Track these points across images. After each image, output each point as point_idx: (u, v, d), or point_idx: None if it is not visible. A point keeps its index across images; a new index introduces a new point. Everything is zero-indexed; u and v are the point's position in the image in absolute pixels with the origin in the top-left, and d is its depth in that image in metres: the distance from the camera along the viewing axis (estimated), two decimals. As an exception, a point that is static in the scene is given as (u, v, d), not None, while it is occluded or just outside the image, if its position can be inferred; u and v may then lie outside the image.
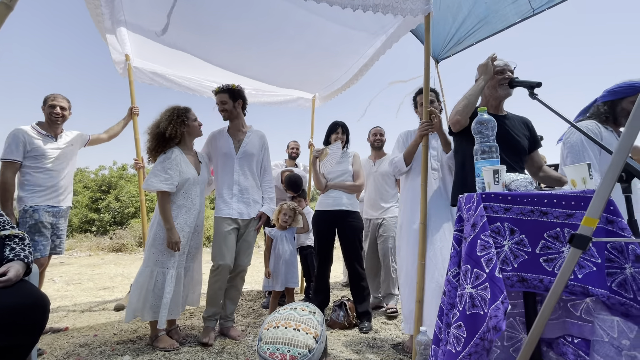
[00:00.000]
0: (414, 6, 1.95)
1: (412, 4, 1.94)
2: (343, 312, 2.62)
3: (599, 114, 1.87)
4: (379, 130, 3.23)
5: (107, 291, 3.79)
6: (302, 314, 0.98)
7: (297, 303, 1.07)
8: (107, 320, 2.68)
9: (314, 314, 1.01)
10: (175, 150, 2.22)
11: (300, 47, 2.93)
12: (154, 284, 2.06)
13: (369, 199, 3.13)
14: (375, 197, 3.08)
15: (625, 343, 1.09)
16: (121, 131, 2.89)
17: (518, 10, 2.89)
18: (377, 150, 3.21)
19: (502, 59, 1.79)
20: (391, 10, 1.94)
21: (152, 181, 2.09)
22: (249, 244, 2.45)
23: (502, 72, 1.75)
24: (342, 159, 2.83)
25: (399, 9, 1.94)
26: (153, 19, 2.49)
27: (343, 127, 2.86)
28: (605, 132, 1.79)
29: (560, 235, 1.07)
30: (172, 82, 3.40)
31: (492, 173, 1.27)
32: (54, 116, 2.44)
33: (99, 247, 7.77)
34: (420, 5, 1.96)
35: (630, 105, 1.73)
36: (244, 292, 3.83)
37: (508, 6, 2.86)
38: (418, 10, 1.97)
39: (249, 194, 2.43)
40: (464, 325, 1.17)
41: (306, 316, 0.97)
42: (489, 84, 1.80)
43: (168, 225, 2.07)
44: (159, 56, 3.07)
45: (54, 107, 2.44)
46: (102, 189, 10.04)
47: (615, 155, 0.74)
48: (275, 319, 0.96)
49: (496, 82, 1.77)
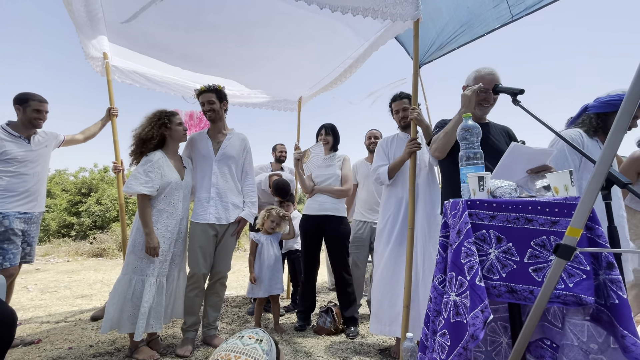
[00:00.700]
0: (403, 12, 1.96)
1: (402, 9, 1.96)
2: (330, 317, 2.60)
3: (590, 125, 1.84)
4: (374, 133, 3.23)
5: (85, 299, 3.64)
6: (247, 343, 0.94)
7: (247, 330, 1.03)
8: (83, 331, 2.56)
9: (260, 342, 0.97)
10: (158, 153, 2.16)
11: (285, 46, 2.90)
12: (132, 293, 1.98)
13: (365, 202, 3.09)
14: (370, 200, 3.06)
15: (593, 347, 1.11)
16: (98, 132, 2.78)
17: (498, 15, 2.94)
18: (373, 153, 3.21)
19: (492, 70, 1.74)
20: (381, 15, 1.94)
21: (132, 184, 2.03)
22: (227, 250, 2.37)
23: (484, 92, 1.72)
24: (331, 162, 2.81)
25: (389, 14, 1.94)
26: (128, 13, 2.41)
27: (327, 129, 2.86)
28: (588, 141, 1.80)
29: (546, 243, 1.07)
30: (154, 83, 3.30)
31: (477, 179, 1.27)
32: (37, 121, 2.34)
33: (78, 252, 7.49)
34: (410, 11, 1.97)
35: None
36: (229, 299, 3.75)
37: (489, 10, 2.91)
38: (407, 15, 1.98)
39: (228, 197, 2.35)
40: (448, 333, 1.16)
41: (250, 345, 0.94)
42: None
43: (147, 230, 2.01)
44: (138, 55, 2.98)
45: (39, 112, 2.34)
46: (82, 191, 9.71)
47: (598, 166, 0.74)
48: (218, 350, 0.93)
49: (477, 100, 1.76)
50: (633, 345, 0.90)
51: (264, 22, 2.56)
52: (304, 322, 2.69)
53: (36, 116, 2.33)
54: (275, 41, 2.81)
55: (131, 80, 3.19)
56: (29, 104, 2.32)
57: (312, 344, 2.37)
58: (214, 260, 2.32)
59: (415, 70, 2.06)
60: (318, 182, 2.78)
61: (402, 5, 1.94)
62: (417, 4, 1.97)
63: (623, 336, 0.93)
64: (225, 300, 3.65)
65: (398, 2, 1.93)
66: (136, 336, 1.94)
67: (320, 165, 2.82)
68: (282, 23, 2.59)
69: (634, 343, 0.90)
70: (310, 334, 2.58)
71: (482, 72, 1.74)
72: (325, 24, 2.58)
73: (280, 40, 2.80)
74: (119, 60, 3.02)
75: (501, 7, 2.85)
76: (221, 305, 2.40)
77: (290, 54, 3.01)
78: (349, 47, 2.89)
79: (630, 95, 0.71)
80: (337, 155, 2.85)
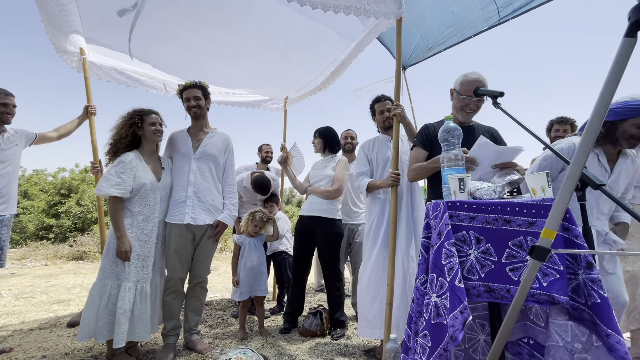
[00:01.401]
0: (387, 9, 1.97)
1: (386, 7, 1.96)
2: (317, 320, 2.58)
3: None
4: (349, 133, 3.26)
5: (62, 305, 3.51)
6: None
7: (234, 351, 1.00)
8: (59, 339, 2.46)
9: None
10: (131, 154, 2.08)
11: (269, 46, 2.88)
12: (108, 299, 1.90)
13: (343, 203, 3.11)
14: (347, 200, 3.07)
15: (577, 346, 1.13)
16: (74, 130, 2.66)
17: (486, 17, 2.97)
18: (349, 153, 3.22)
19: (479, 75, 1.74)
20: (364, 12, 1.94)
21: (103, 185, 1.95)
22: (206, 254, 2.28)
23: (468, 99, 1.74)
24: (327, 163, 2.80)
25: (372, 11, 1.94)
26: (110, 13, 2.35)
27: (316, 132, 2.90)
28: None
29: (523, 243, 1.09)
30: (134, 80, 3.21)
31: (458, 181, 1.29)
32: (5, 115, 2.23)
33: (56, 255, 7.23)
34: (393, 9, 1.98)
35: (633, 128, 1.59)
36: (214, 301, 3.69)
37: (477, 12, 2.95)
38: (391, 13, 1.99)
39: (206, 197, 2.24)
40: (429, 334, 1.16)
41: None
42: (455, 106, 1.83)
43: (118, 233, 1.94)
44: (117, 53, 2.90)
45: (6, 106, 2.22)
46: (61, 192, 9.39)
47: (571, 167, 0.75)
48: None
49: (460, 106, 1.79)
50: (617, 344, 0.92)
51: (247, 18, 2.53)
52: (289, 325, 2.66)
53: (2, 110, 2.22)
54: (260, 40, 2.79)
55: (109, 77, 3.09)
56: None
57: (297, 346, 2.35)
58: (193, 264, 2.25)
59: (398, 69, 2.07)
60: (313, 183, 2.77)
61: (386, 3, 1.95)
62: (400, 2, 1.98)
63: (607, 335, 0.95)
64: (210, 303, 3.58)
65: (381, 0, 1.93)
66: (116, 343, 1.86)
67: (317, 167, 2.84)
68: (266, 22, 2.57)
69: (618, 341, 0.92)
70: (295, 336, 2.56)
71: (470, 77, 1.74)
72: (309, 27, 2.58)
73: (264, 39, 2.78)
74: (96, 57, 2.92)
75: (489, 9, 2.89)
76: (202, 309, 2.35)
77: (274, 55, 2.99)
78: (334, 50, 2.89)
79: (601, 98, 0.72)
80: (334, 157, 2.85)
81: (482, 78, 1.72)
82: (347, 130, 3.27)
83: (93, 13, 2.39)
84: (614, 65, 0.70)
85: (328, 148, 2.86)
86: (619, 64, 0.70)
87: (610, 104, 1.89)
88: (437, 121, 1.96)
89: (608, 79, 0.70)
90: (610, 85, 0.70)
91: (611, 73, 0.70)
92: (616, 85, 0.70)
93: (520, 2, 2.75)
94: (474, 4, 2.86)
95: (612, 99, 0.71)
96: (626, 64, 0.70)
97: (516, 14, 2.92)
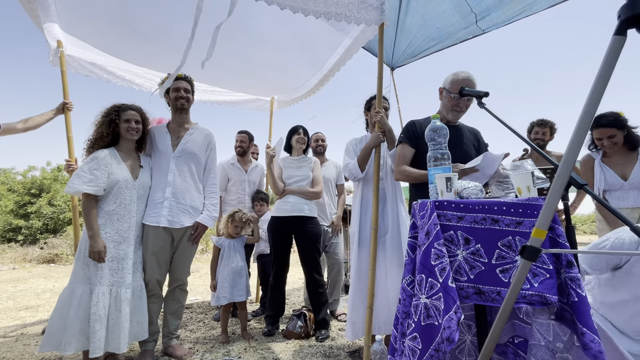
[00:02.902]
0: (368, 16, 2.01)
1: (367, 14, 2.01)
2: (301, 322, 2.53)
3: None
4: (320, 136, 3.26)
5: (30, 311, 3.30)
6: None
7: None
8: (25, 347, 2.30)
9: None
10: (106, 150, 1.97)
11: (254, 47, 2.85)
12: (78, 305, 1.76)
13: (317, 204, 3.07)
14: (321, 202, 3.03)
15: (559, 346, 1.14)
16: (43, 124, 2.43)
17: (469, 31, 3.09)
18: (319, 155, 3.20)
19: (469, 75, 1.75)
20: (345, 19, 1.97)
21: (74, 183, 1.83)
22: (186, 256, 2.19)
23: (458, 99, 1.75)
24: (302, 163, 2.76)
25: (353, 17, 1.98)
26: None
27: (305, 129, 2.85)
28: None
29: (512, 243, 1.08)
30: (113, 75, 3.06)
31: (445, 180, 1.28)
32: None
33: (25, 258, 6.86)
34: (374, 16, 2.03)
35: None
36: (194, 304, 3.58)
37: (460, 30, 3.07)
38: (372, 20, 2.03)
39: (185, 199, 2.14)
40: (419, 336, 1.14)
41: None
42: (445, 105, 1.83)
43: (90, 232, 1.82)
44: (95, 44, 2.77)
45: None
46: (31, 192, 8.90)
47: (561, 167, 0.74)
48: None
49: (450, 105, 1.80)
50: (591, 342, 0.93)
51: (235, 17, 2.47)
52: (272, 327, 2.61)
53: None
54: (246, 38, 2.73)
55: (88, 71, 2.93)
56: None
57: (281, 348, 2.30)
58: (172, 266, 2.15)
59: (380, 75, 2.08)
60: (289, 184, 2.71)
61: (367, 11, 2.00)
62: (381, 10, 2.04)
63: (582, 333, 0.95)
64: (190, 307, 3.47)
65: (363, 7, 1.98)
66: (92, 352, 1.72)
67: (290, 166, 2.76)
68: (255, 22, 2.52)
69: (592, 340, 0.93)
70: (279, 338, 2.50)
71: (460, 76, 1.75)
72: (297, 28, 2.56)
73: (250, 38, 2.73)
74: (75, 50, 2.77)
75: (471, 29, 3.01)
76: (182, 312, 2.26)
77: (260, 54, 2.95)
78: (322, 52, 2.88)
79: (592, 95, 0.71)
80: (308, 158, 2.81)
81: (472, 77, 1.74)
82: (317, 133, 3.27)
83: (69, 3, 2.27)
84: (604, 63, 0.70)
85: (306, 147, 2.84)
86: (608, 62, 0.69)
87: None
88: (423, 118, 1.95)
89: (598, 76, 0.70)
90: (600, 82, 0.70)
91: (601, 70, 0.70)
92: (606, 83, 0.69)
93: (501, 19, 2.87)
94: (457, 22, 2.98)
95: (602, 97, 0.70)
96: (616, 62, 0.69)
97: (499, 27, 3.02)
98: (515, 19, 2.86)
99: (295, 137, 2.77)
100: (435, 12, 2.92)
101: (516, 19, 2.86)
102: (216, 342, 2.41)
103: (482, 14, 2.85)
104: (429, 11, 2.93)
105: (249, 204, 3.18)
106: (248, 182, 3.20)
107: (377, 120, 2.08)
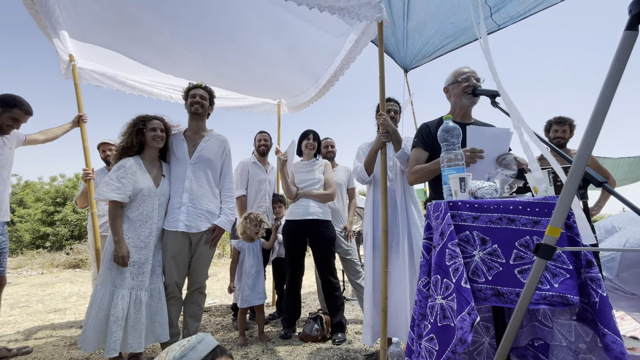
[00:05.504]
0: (367, 13, 2.03)
1: (367, 11, 2.02)
2: (318, 325, 2.54)
3: None
4: (330, 142, 3.27)
5: (58, 314, 3.45)
6: None
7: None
8: (55, 349, 2.41)
9: None
10: (131, 159, 2.07)
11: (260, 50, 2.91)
12: (99, 307, 1.86)
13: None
14: (333, 208, 3.04)
15: (582, 347, 1.11)
16: (61, 135, 2.62)
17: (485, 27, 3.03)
18: (329, 161, 3.22)
19: (469, 66, 1.78)
20: (348, 14, 2.00)
21: (103, 190, 1.93)
22: (204, 259, 2.24)
23: (467, 80, 1.72)
24: (312, 167, 2.79)
25: (356, 13, 2.01)
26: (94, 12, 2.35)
27: (314, 134, 2.87)
28: None
29: (530, 243, 1.07)
30: (123, 84, 3.17)
31: (459, 181, 1.27)
32: (8, 128, 2.23)
33: (53, 264, 7.15)
34: (373, 13, 2.04)
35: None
36: (212, 308, 3.65)
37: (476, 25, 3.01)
38: (371, 17, 2.04)
39: (202, 204, 2.20)
40: (435, 337, 1.14)
41: None
42: (454, 93, 1.79)
43: (116, 238, 1.91)
44: (106, 58, 2.89)
45: (16, 122, 2.23)
46: (57, 200, 9.32)
47: (574, 165, 0.74)
48: None
49: (461, 90, 1.75)
50: (613, 344, 0.90)
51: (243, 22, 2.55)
52: (289, 330, 2.63)
53: (10, 124, 2.21)
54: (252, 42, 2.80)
55: (99, 82, 3.05)
56: (12, 111, 2.20)
57: (297, 352, 2.32)
58: (190, 270, 2.22)
59: (382, 76, 2.07)
60: (301, 187, 2.75)
61: (366, 7, 2.02)
62: (379, 8, 2.04)
63: (604, 334, 0.93)
64: (209, 310, 3.54)
65: (363, 4, 2.00)
66: (107, 352, 1.81)
67: (301, 171, 2.80)
68: (261, 24, 2.59)
69: (614, 341, 0.91)
70: (295, 341, 2.52)
71: (458, 68, 1.79)
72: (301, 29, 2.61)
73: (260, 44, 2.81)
74: (86, 63, 2.90)
75: (486, 22, 2.95)
76: (201, 315, 2.31)
77: (266, 57, 3.01)
78: (327, 53, 2.93)
79: (604, 91, 0.71)
80: (318, 161, 2.84)
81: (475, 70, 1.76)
82: (327, 139, 3.28)
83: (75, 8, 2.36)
84: (616, 59, 0.69)
85: (317, 152, 2.87)
86: (620, 58, 0.69)
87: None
88: (436, 119, 1.94)
89: (610, 72, 0.70)
90: (612, 79, 0.69)
91: (613, 67, 0.69)
92: (619, 79, 0.69)
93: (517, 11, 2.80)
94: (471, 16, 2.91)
95: (614, 93, 0.70)
96: (628, 57, 0.69)
97: (514, 21, 2.95)
98: (532, 12, 2.78)
99: (305, 142, 2.81)
100: (450, 4, 2.87)
101: (533, 12, 2.78)
102: (234, 345, 2.45)
103: (497, 6, 2.80)
104: (444, 2, 2.89)
105: (269, 205, 3.21)
106: (269, 182, 3.26)
107: (379, 123, 2.11)
